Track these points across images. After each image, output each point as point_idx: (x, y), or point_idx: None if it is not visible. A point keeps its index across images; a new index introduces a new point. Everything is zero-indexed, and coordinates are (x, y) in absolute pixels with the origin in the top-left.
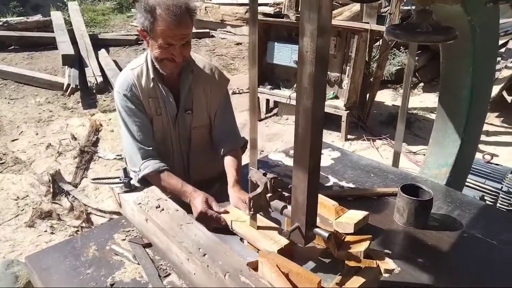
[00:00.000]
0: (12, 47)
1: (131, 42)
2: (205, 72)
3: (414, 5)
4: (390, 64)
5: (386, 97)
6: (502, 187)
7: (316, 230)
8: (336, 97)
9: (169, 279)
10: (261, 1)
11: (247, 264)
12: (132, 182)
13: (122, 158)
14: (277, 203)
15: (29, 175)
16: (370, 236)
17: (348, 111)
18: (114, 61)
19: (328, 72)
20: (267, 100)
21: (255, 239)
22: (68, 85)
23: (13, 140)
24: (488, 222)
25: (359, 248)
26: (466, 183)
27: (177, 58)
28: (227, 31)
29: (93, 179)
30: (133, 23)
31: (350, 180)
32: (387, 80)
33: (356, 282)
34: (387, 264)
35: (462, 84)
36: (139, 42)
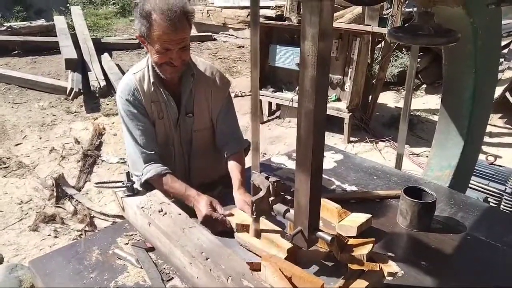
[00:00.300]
0: (16, 51)
1: (134, 46)
2: (206, 75)
3: (416, 7)
4: (392, 66)
5: (389, 99)
6: (506, 188)
7: (319, 233)
8: (338, 100)
9: (172, 283)
10: (263, 4)
11: (247, 263)
12: (135, 186)
13: (125, 161)
14: (279, 207)
15: (32, 179)
16: (373, 239)
17: (350, 113)
18: (117, 65)
19: (330, 75)
20: (270, 103)
21: (259, 250)
22: (71, 89)
23: (17, 144)
24: (492, 224)
25: (362, 251)
26: (470, 185)
27: (176, 62)
28: (229, 34)
29: (96, 183)
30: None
31: (353, 182)
32: (390, 82)
33: (360, 285)
34: (390, 267)
35: (465, 85)
36: (141, 46)
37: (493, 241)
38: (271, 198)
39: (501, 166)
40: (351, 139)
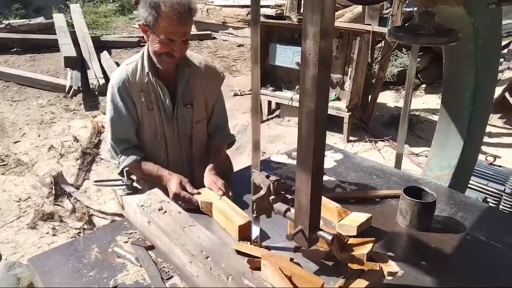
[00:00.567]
0: (15, 49)
1: (133, 44)
2: (201, 68)
3: (416, 7)
4: (392, 66)
5: (388, 98)
6: (505, 189)
7: (320, 232)
8: (338, 99)
9: (171, 281)
10: (263, 3)
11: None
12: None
13: None
14: (280, 206)
15: (31, 177)
16: (373, 239)
17: (350, 113)
18: (116, 63)
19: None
20: (269, 102)
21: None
22: (70, 87)
23: (16, 142)
24: (492, 224)
25: (362, 251)
26: (469, 185)
27: (176, 53)
28: (229, 33)
29: (96, 181)
30: (135, 25)
31: (353, 182)
32: (389, 81)
33: (360, 284)
34: (390, 266)
35: (465, 85)
36: (141, 44)
37: (492, 241)
38: (272, 197)
39: (500, 166)
40: (351, 138)
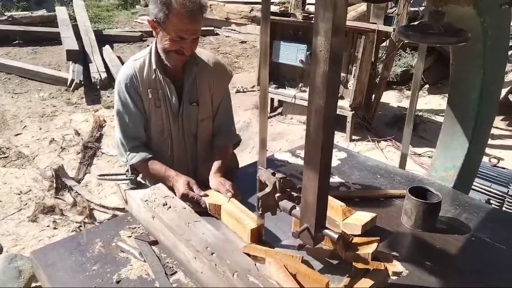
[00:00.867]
0: (17, 41)
1: (136, 38)
2: (209, 65)
3: (423, 6)
4: (395, 66)
5: (391, 98)
6: (508, 191)
7: (326, 231)
8: (341, 97)
9: (175, 277)
10: None
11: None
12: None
13: None
14: (285, 203)
15: (32, 170)
16: (378, 238)
17: (353, 112)
18: (118, 57)
19: None
20: (272, 99)
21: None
22: (72, 80)
23: (17, 135)
24: (496, 226)
25: (367, 250)
26: (472, 187)
27: (186, 51)
28: (232, 29)
29: (99, 175)
30: (138, 20)
31: (357, 181)
32: (392, 81)
33: (365, 284)
34: (395, 266)
35: (472, 85)
36: (143, 38)
37: (497, 243)
38: (277, 194)
39: (503, 168)
40: (353, 137)
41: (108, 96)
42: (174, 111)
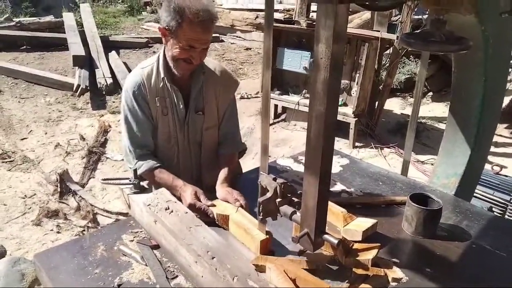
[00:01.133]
0: (24, 46)
1: (142, 44)
2: (216, 73)
3: (426, 14)
4: (399, 73)
5: (395, 105)
6: (510, 198)
7: (326, 236)
8: (345, 104)
9: (176, 281)
10: None
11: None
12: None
13: None
14: (286, 209)
15: (37, 174)
16: (379, 244)
17: (356, 119)
18: (124, 63)
19: None
20: (276, 106)
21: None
22: (78, 85)
23: (22, 139)
24: (498, 234)
25: (367, 256)
26: (474, 194)
27: (195, 60)
28: (237, 36)
29: (103, 179)
30: (144, 26)
31: (359, 187)
32: (396, 88)
33: None
34: (395, 273)
35: (474, 93)
36: (149, 45)
37: (498, 250)
38: (278, 199)
39: (506, 176)
40: (356, 144)
41: (113, 102)
42: (180, 119)
